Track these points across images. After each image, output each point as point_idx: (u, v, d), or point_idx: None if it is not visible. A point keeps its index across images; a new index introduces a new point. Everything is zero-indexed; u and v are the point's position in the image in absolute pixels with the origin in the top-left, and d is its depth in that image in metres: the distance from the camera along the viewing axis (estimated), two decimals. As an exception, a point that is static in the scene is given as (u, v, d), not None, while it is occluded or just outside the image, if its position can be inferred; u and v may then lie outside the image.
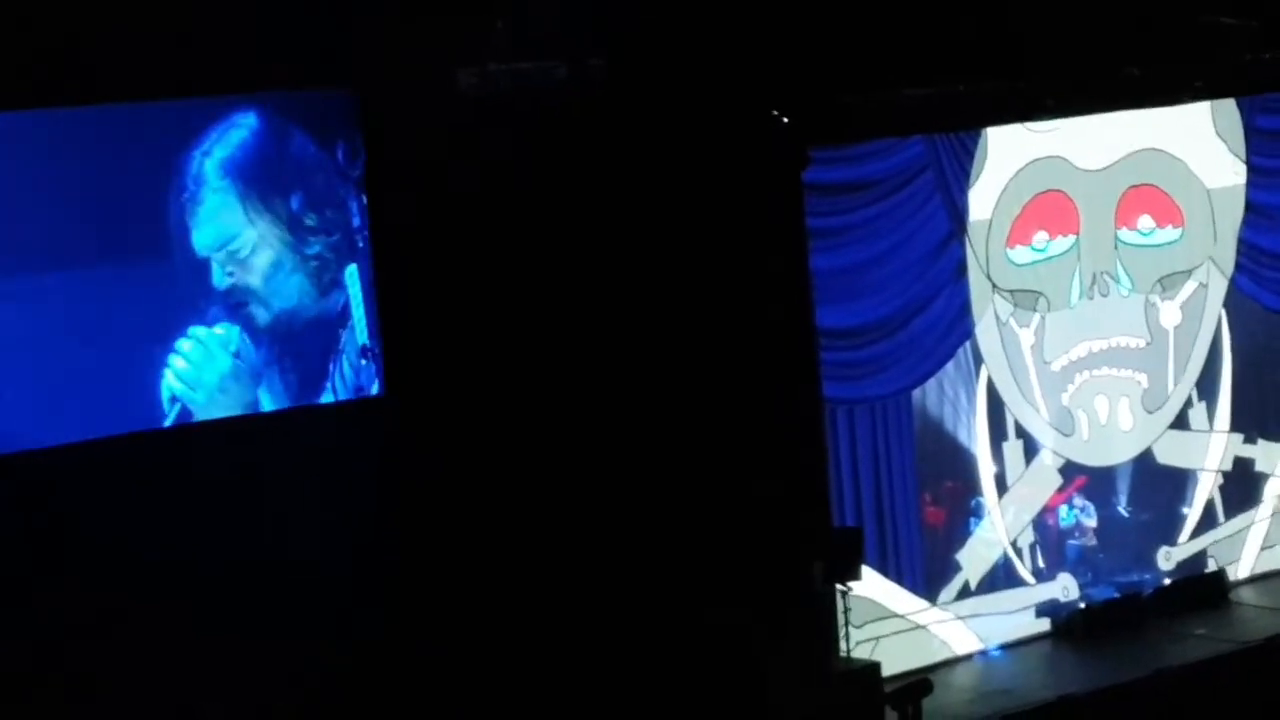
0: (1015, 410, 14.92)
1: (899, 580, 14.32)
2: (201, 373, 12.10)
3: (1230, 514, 15.87)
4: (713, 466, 12.97)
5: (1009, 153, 14.74)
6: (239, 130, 12.17)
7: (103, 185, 11.68)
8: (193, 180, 12.06)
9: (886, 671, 13.34)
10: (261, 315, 12.30)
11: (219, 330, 12.14)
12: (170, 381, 12.00)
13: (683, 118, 12.85)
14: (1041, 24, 13.90)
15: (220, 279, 12.14)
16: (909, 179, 14.28)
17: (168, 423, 11.96)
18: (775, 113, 13.04)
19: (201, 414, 12.09)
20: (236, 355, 12.21)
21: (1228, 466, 15.90)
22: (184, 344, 12.06)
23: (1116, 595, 15.07)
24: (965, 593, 14.63)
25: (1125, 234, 15.30)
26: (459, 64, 12.28)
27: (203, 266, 12.11)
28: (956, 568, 14.65)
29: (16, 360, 11.47)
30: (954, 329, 14.57)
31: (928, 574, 14.50)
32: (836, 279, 13.89)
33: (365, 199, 12.38)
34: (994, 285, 14.72)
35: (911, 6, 13.41)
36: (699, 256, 12.90)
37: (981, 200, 14.63)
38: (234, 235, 12.19)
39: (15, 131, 11.39)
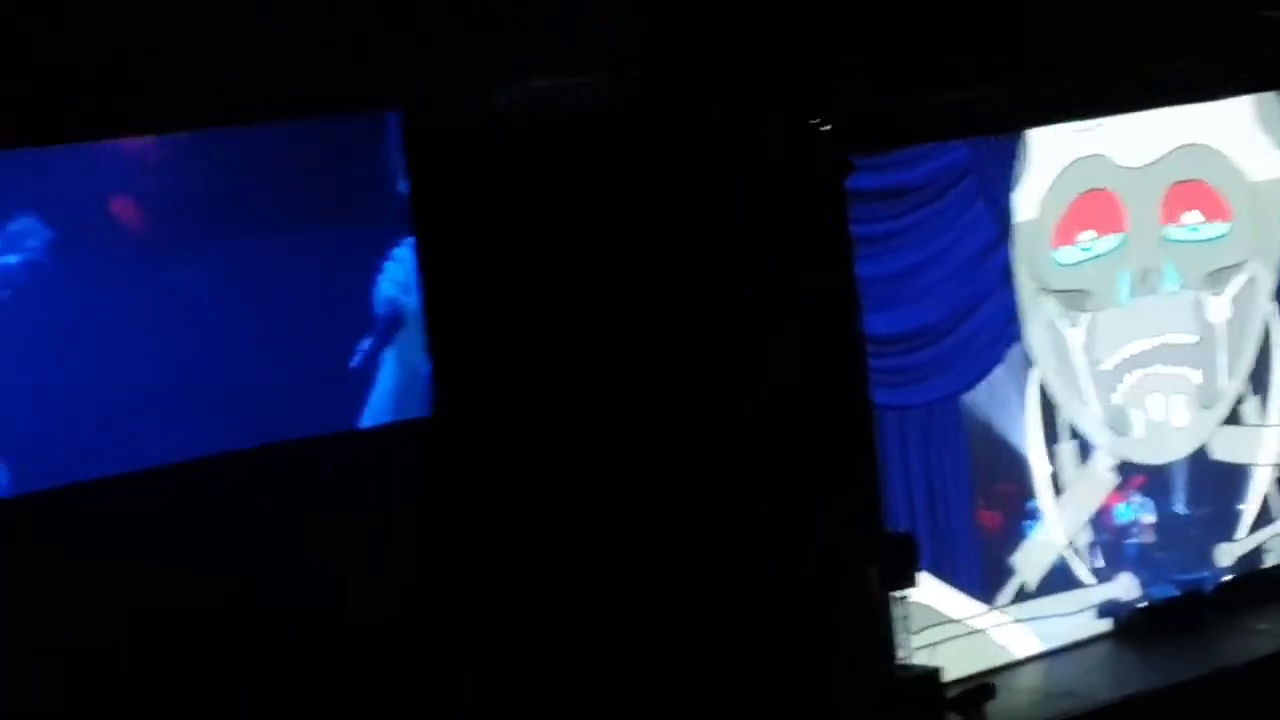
0: (1068, 411, 14.86)
1: (955, 585, 14.26)
2: (413, 277, 12.43)
3: (1287, 508, 15.80)
4: (765, 478, 12.94)
5: (1052, 153, 14.68)
6: None
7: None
8: None
9: (947, 677, 13.28)
10: None
11: None
12: (384, 285, 12.36)
13: (723, 128, 12.84)
14: (1081, 21, 13.86)
15: None
16: (952, 183, 14.23)
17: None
18: (816, 121, 13.02)
19: (411, 321, 12.39)
20: None
21: (1283, 461, 15.82)
22: (400, 251, 12.41)
23: (1177, 593, 14.99)
24: (1023, 595, 14.56)
25: (1172, 230, 15.23)
26: (498, 82, 12.31)
27: None
28: (1012, 570, 14.58)
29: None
30: (1003, 332, 14.52)
31: (984, 578, 14.42)
32: (883, 285, 13.84)
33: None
34: (1041, 286, 14.67)
35: (949, 10, 13.39)
36: (745, 267, 12.88)
37: (1026, 202, 14.58)
38: None
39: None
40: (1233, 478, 15.60)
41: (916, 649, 13.43)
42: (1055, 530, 14.76)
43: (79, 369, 11.46)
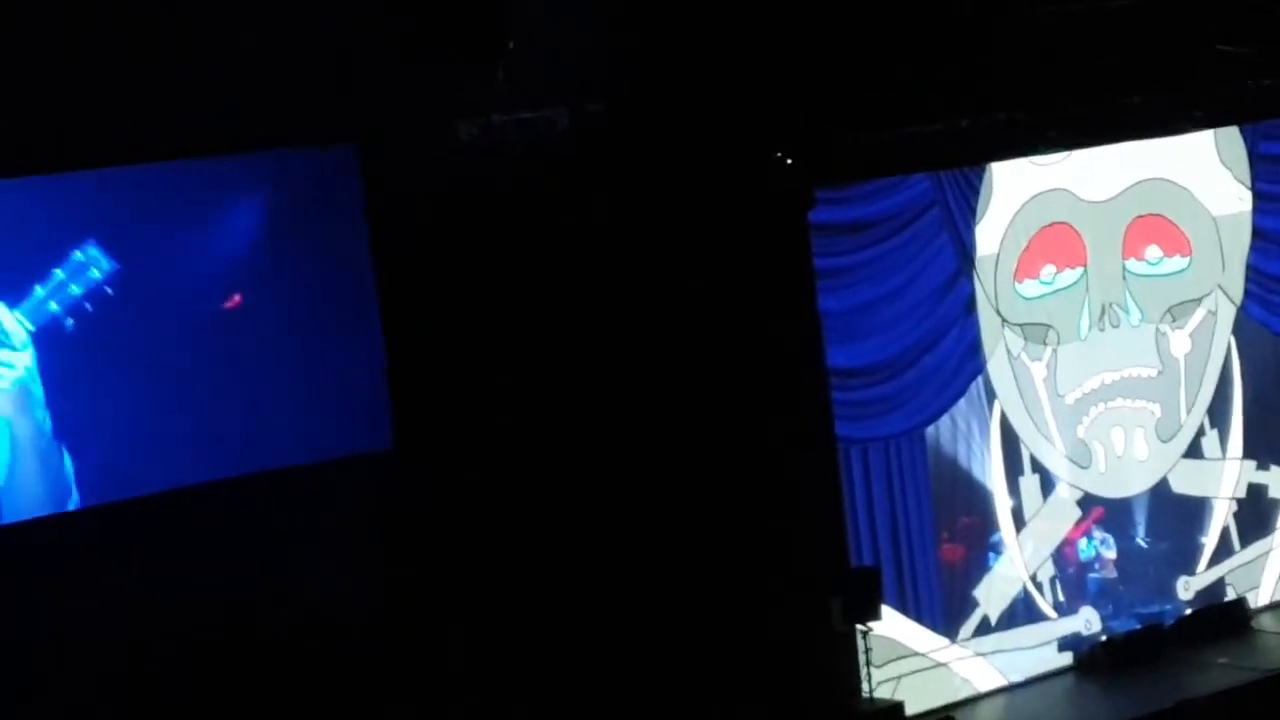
0: (1030, 444, 14.88)
1: (918, 618, 14.26)
2: None
3: (1246, 541, 15.81)
4: (728, 510, 12.93)
5: (1014, 187, 14.73)
6: None
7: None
8: None
9: (909, 711, 13.30)
10: None
11: None
12: None
13: (686, 161, 12.85)
14: (1040, 58, 13.90)
15: None
16: (915, 217, 14.27)
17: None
18: (778, 154, 13.04)
19: None
20: None
21: (1242, 494, 15.84)
22: None
23: (1138, 627, 15.01)
24: (985, 629, 14.56)
25: (1133, 264, 15.28)
26: (460, 115, 12.29)
27: None
28: (975, 604, 14.58)
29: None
30: (965, 365, 14.54)
31: (947, 611, 14.43)
32: (846, 319, 13.86)
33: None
34: (1004, 320, 14.69)
35: (911, 45, 13.41)
36: (707, 301, 12.88)
37: (988, 235, 14.62)
38: None
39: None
40: (1193, 511, 15.64)
41: (879, 683, 13.43)
42: (1017, 564, 14.77)
43: (132, 395, 11.71)
